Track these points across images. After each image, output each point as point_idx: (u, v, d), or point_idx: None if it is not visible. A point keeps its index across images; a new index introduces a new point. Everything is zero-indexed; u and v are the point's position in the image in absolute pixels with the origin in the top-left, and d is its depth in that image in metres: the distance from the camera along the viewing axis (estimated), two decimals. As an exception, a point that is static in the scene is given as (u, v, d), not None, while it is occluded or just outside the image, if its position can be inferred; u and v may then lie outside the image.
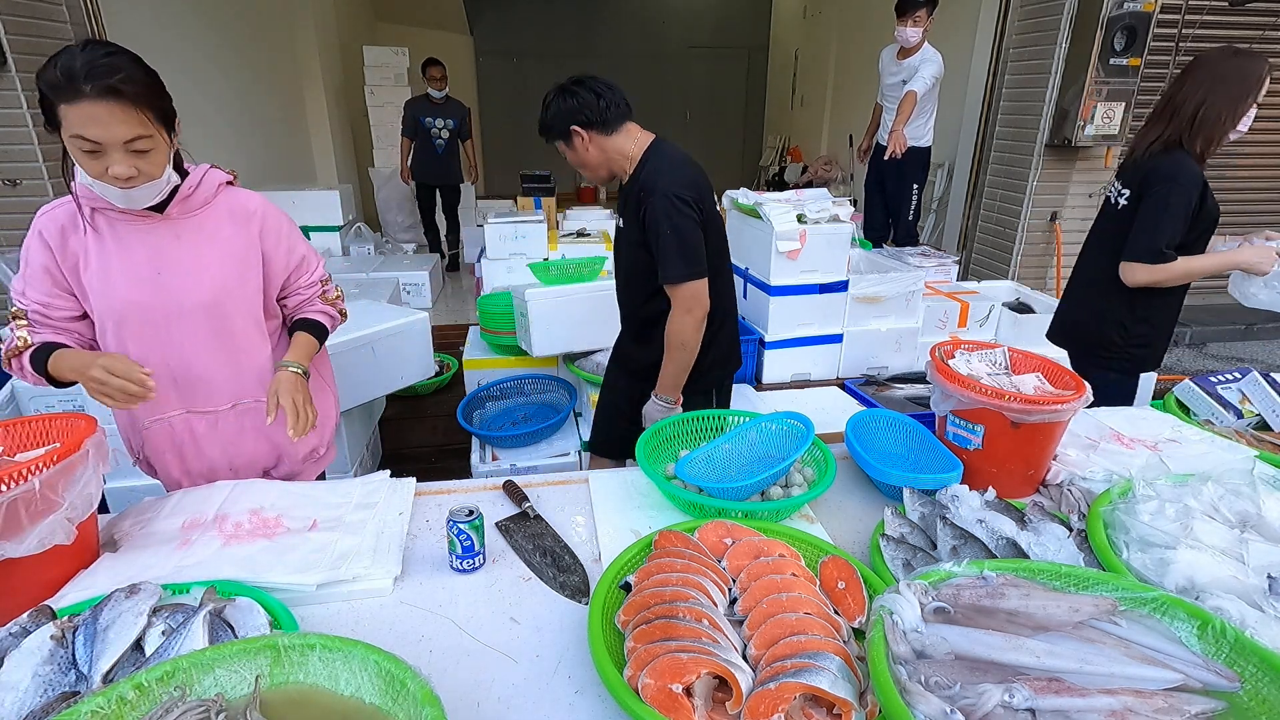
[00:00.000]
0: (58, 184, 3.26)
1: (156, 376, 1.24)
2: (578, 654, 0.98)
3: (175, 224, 1.30)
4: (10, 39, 3.01)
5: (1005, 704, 0.73)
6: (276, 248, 1.42)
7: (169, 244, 1.30)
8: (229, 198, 1.37)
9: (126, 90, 1.09)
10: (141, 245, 1.28)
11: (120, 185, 1.15)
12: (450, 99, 5.59)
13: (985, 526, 1.14)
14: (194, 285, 1.31)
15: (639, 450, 1.41)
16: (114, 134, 1.11)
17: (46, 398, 2.54)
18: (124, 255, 1.27)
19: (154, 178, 1.19)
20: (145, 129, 1.13)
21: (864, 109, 4.92)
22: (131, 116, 1.11)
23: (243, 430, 1.44)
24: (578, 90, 1.67)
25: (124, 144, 1.12)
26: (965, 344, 1.53)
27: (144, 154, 1.15)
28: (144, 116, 1.13)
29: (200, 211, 1.32)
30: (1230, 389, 1.75)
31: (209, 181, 1.33)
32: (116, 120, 1.10)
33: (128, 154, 1.13)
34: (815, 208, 2.78)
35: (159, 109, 1.16)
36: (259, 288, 1.40)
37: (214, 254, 1.33)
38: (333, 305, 1.56)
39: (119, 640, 0.87)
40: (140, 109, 1.12)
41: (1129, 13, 3.88)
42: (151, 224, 1.29)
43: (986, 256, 4.91)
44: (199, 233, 1.32)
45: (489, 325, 2.85)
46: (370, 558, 1.13)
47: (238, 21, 5.20)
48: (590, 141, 1.70)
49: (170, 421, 1.40)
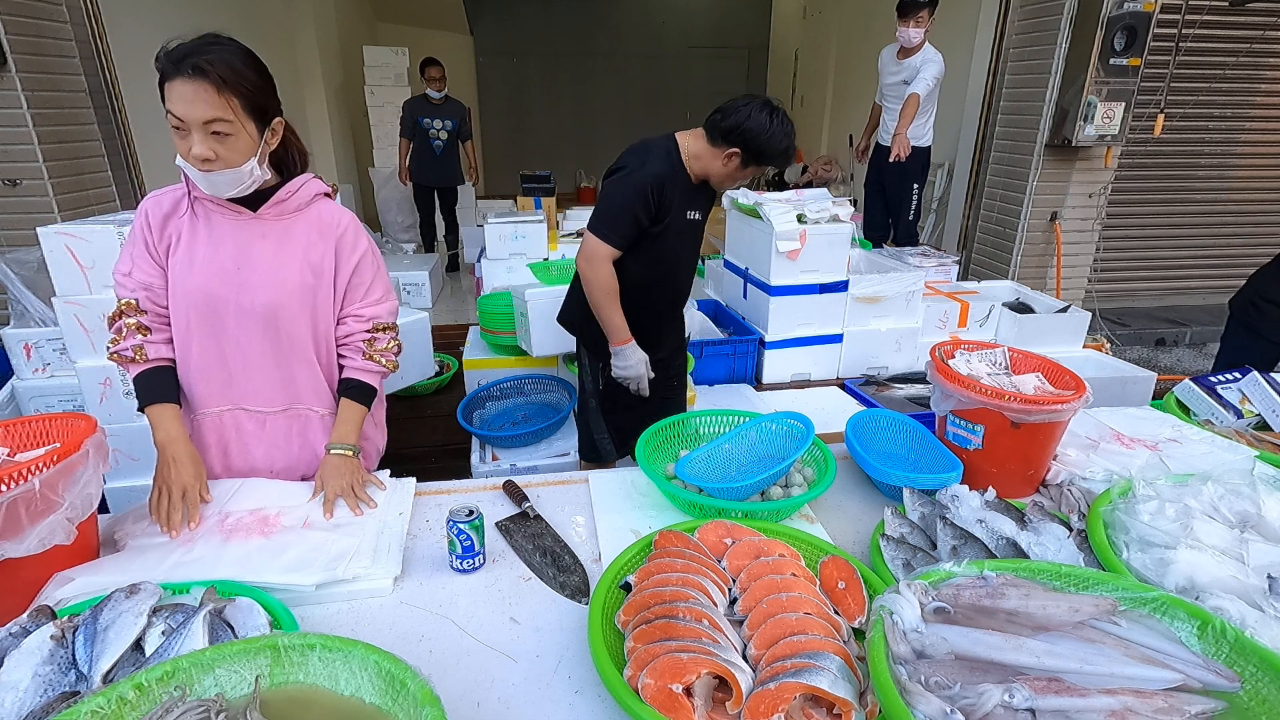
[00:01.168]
0: (58, 184, 3.26)
1: (214, 369, 1.33)
2: (578, 654, 0.98)
3: (265, 224, 1.32)
4: (10, 39, 3.00)
5: (1005, 704, 0.73)
6: (347, 261, 1.40)
7: (255, 241, 1.32)
8: (322, 208, 1.38)
9: (212, 72, 1.13)
10: (230, 238, 1.31)
11: (199, 166, 1.18)
12: (449, 99, 5.57)
13: (985, 526, 1.14)
14: (268, 284, 1.32)
15: (639, 450, 1.41)
16: (195, 113, 1.13)
17: (46, 398, 2.54)
18: (212, 245, 1.30)
19: (233, 165, 1.19)
20: (226, 114, 1.15)
21: (864, 109, 4.92)
22: (214, 99, 1.13)
23: (289, 435, 1.44)
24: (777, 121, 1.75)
25: (203, 124, 1.14)
26: (965, 344, 1.53)
27: (224, 139, 1.17)
28: (228, 102, 1.15)
29: (292, 216, 1.34)
30: (1230, 389, 1.75)
31: (307, 190, 1.35)
32: (200, 100, 1.13)
33: (208, 136, 1.16)
34: (815, 208, 2.78)
35: (250, 101, 1.18)
36: (328, 298, 1.40)
37: (294, 258, 1.34)
38: (378, 357, 1.44)
39: (119, 640, 0.87)
40: (225, 94, 1.14)
41: (1129, 13, 3.87)
42: (244, 220, 1.31)
43: (986, 256, 4.91)
44: (285, 235, 1.34)
45: (489, 325, 2.85)
46: (370, 558, 1.13)
47: (237, 22, 5.20)
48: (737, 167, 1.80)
49: (220, 416, 1.40)
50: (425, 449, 3.03)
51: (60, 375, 2.53)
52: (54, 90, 3.24)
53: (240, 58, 1.18)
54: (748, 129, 1.71)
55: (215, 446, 1.43)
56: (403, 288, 4.66)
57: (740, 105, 1.72)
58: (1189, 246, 5.11)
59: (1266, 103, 4.79)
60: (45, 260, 2.24)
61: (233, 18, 5.09)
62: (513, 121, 10.09)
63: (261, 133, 1.22)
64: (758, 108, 1.71)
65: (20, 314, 2.57)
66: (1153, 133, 4.21)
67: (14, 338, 2.50)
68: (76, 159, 3.39)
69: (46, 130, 3.19)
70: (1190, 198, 4.95)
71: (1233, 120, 4.77)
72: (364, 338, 1.43)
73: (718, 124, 1.74)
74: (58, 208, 3.26)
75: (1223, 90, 4.61)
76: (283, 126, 1.29)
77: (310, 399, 1.43)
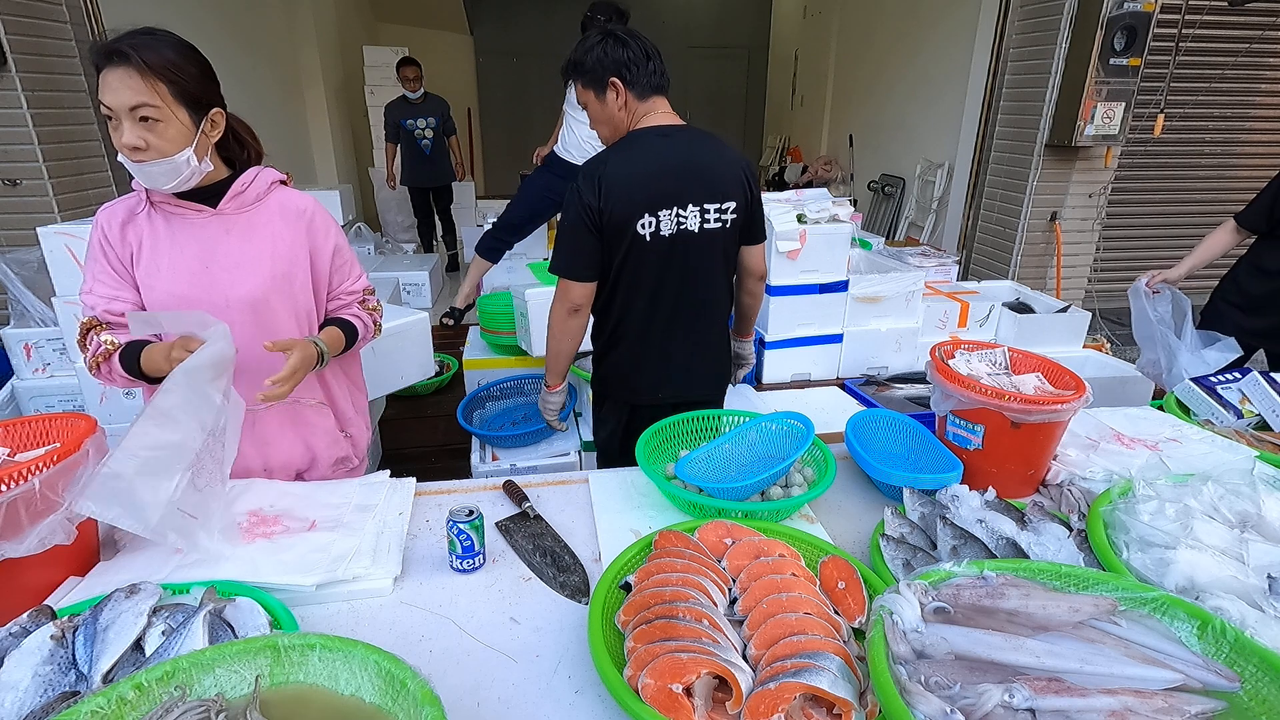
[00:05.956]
0: (58, 184, 3.26)
1: None
2: (578, 654, 0.98)
3: (227, 219, 1.31)
4: (10, 39, 3.00)
5: (1005, 704, 0.73)
6: (323, 246, 1.42)
7: (219, 238, 1.31)
8: (281, 196, 1.38)
9: (134, 57, 1.11)
10: (192, 239, 1.30)
11: (131, 156, 1.16)
12: (428, 95, 5.52)
13: (985, 526, 1.14)
14: (240, 280, 1.31)
15: (639, 450, 1.41)
16: (121, 99, 1.13)
17: (46, 398, 2.54)
18: (176, 248, 1.29)
19: (166, 155, 1.18)
20: (153, 99, 1.14)
21: (864, 109, 4.91)
22: (139, 84, 1.12)
23: (281, 431, 1.44)
24: (630, 42, 1.56)
25: (130, 110, 1.13)
26: (965, 344, 1.53)
27: (153, 125, 1.15)
28: (154, 88, 1.13)
29: (252, 208, 1.34)
30: (1230, 389, 1.75)
31: (262, 179, 1.34)
32: (125, 86, 1.12)
33: (136, 123, 1.15)
34: (815, 208, 2.78)
35: (180, 87, 1.16)
36: (305, 285, 1.40)
37: (262, 250, 1.33)
38: (370, 315, 1.55)
39: (119, 640, 0.87)
40: (151, 79, 1.13)
41: (1129, 13, 3.87)
42: (204, 218, 1.30)
43: (986, 256, 4.91)
44: (249, 228, 1.33)
45: (489, 325, 2.85)
46: (370, 558, 1.13)
47: (237, 22, 5.20)
48: (625, 101, 1.59)
49: None
50: (425, 449, 3.03)
51: (60, 375, 2.54)
52: (54, 90, 3.24)
53: (171, 47, 1.17)
54: (571, 61, 1.61)
55: None
56: (403, 288, 4.65)
57: (595, 44, 1.58)
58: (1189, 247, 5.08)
59: (1266, 103, 4.78)
60: (45, 260, 2.25)
61: (232, 18, 5.08)
62: (513, 121, 10.07)
63: (197, 122, 1.20)
64: (601, 35, 1.58)
65: (20, 314, 2.57)
66: (1153, 133, 4.21)
67: (14, 338, 2.50)
68: (76, 159, 3.39)
69: (46, 130, 3.19)
70: (1190, 198, 4.94)
71: (1233, 120, 4.77)
72: (357, 298, 1.53)
73: (600, 68, 1.57)
74: (58, 208, 3.26)
75: (1223, 90, 4.61)
76: (224, 119, 1.26)
77: (299, 390, 1.41)
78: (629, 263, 1.62)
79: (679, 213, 1.60)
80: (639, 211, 1.57)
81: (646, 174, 1.57)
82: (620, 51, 1.55)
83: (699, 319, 1.76)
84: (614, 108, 1.60)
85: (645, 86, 1.59)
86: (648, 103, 1.61)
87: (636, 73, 1.56)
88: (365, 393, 1.69)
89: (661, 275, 1.66)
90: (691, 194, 1.60)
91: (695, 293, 1.71)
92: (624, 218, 1.56)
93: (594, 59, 1.56)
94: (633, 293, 1.67)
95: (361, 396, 1.66)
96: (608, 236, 1.59)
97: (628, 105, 1.59)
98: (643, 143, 1.60)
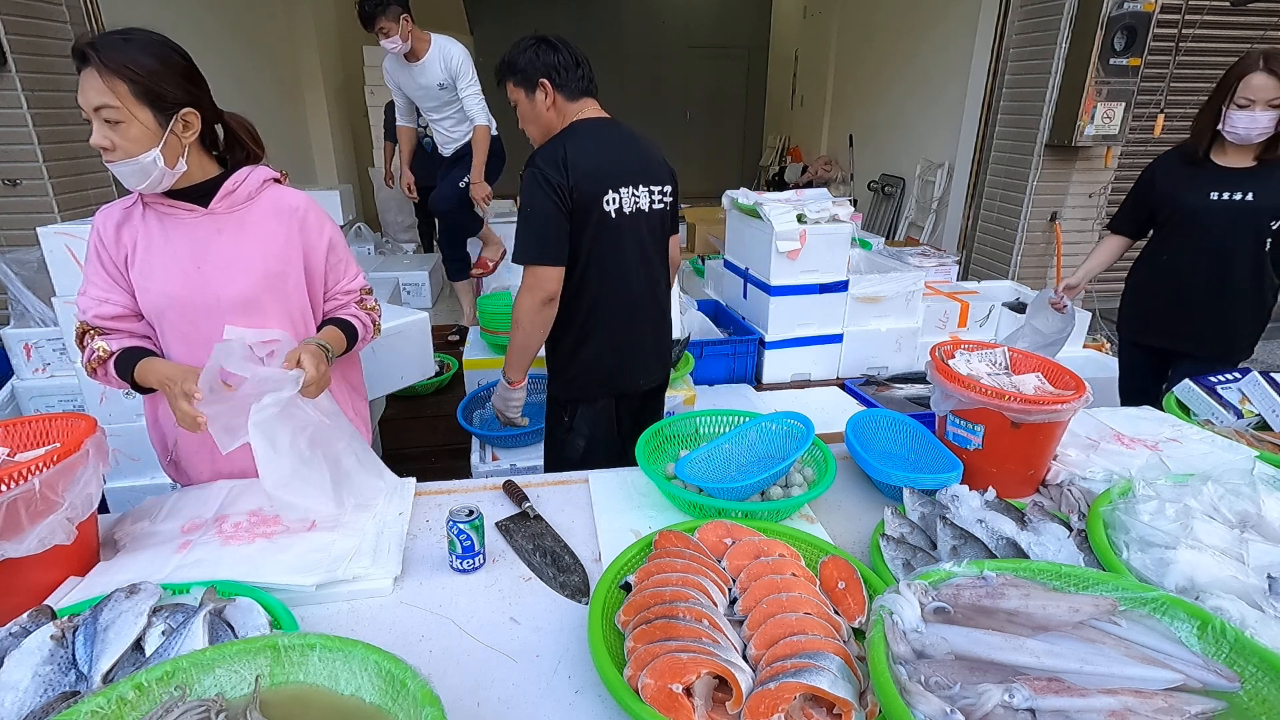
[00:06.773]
0: (58, 184, 3.26)
1: None
2: (578, 654, 0.98)
3: (219, 218, 1.31)
4: (10, 39, 3.00)
5: (1005, 704, 0.73)
6: (317, 244, 1.40)
7: (211, 237, 1.30)
8: (275, 195, 1.37)
9: (94, 58, 1.12)
10: (185, 239, 1.29)
11: (103, 157, 1.18)
12: None
13: (985, 526, 1.14)
14: (232, 279, 1.31)
15: (639, 450, 1.41)
16: (85, 99, 1.14)
17: (46, 398, 2.54)
18: (169, 248, 1.29)
19: (131, 155, 1.17)
20: (111, 100, 1.13)
21: (864, 109, 4.91)
22: (98, 84, 1.13)
23: None
24: (560, 48, 1.68)
25: (94, 110, 1.14)
26: (965, 344, 1.53)
27: (115, 126, 1.15)
28: (113, 88, 1.13)
29: (244, 207, 1.33)
30: (1230, 389, 1.75)
31: (254, 178, 1.33)
32: (88, 86, 1.13)
33: (102, 123, 1.15)
34: (815, 208, 2.78)
35: (141, 87, 1.15)
36: (299, 284, 1.39)
37: (255, 248, 1.32)
38: (369, 315, 1.53)
39: (119, 640, 0.87)
40: (109, 79, 1.12)
41: (1129, 13, 3.87)
42: (197, 218, 1.30)
43: (986, 256, 4.91)
44: (241, 227, 1.32)
45: (489, 325, 2.85)
46: (370, 558, 1.13)
47: (237, 23, 5.20)
48: (553, 101, 1.68)
49: None
50: (425, 449, 3.03)
51: (60, 375, 2.53)
52: (54, 90, 3.24)
53: (139, 47, 1.15)
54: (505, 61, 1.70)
55: (203, 452, 1.42)
56: (403, 288, 4.66)
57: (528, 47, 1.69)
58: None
59: (1266, 103, 4.77)
60: (45, 260, 2.24)
61: (232, 18, 5.08)
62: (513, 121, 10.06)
63: (163, 123, 1.18)
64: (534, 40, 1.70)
65: (20, 314, 2.57)
66: (1153, 132, 4.21)
67: (14, 338, 2.50)
68: (76, 159, 3.39)
69: (46, 130, 3.19)
70: (1190, 198, 4.94)
71: (1233, 120, 4.76)
72: (355, 298, 1.51)
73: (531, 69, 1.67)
74: (58, 208, 3.26)
75: (1223, 90, 4.61)
76: (199, 119, 1.23)
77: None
78: (600, 242, 1.66)
79: (634, 191, 1.70)
80: (604, 187, 1.64)
81: (603, 154, 1.66)
82: (551, 56, 1.66)
83: (657, 299, 1.83)
84: (542, 107, 1.69)
85: (574, 90, 1.69)
86: (578, 103, 1.71)
87: (566, 76, 1.67)
88: (365, 397, 1.68)
89: (629, 254, 1.71)
90: (641, 174, 1.71)
91: (652, 271, 1.79)
92: (592, 194, 1.62)
93: (526, 60, 1.67)
94: (605, 274, 1.70)
95: (362, 401, 1.65)
96: (576, 216, 1.63)
97: (556, 105, 1.69)
98: (588, 129, 1.68)
